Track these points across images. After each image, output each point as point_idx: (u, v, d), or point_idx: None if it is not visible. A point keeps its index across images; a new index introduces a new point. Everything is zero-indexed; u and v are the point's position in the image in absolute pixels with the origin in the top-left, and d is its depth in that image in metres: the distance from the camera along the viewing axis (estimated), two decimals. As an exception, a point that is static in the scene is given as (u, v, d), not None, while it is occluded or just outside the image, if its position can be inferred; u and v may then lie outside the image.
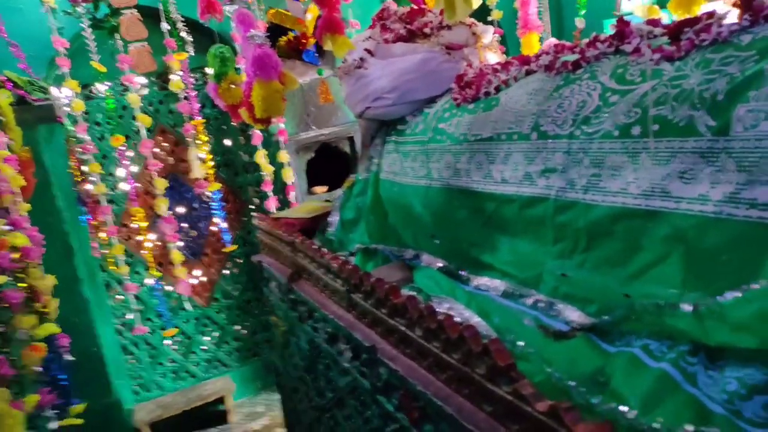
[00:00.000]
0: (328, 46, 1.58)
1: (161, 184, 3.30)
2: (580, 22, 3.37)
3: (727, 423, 0.74)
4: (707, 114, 0.94)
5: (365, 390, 1.43)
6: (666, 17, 1.93)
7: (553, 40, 3.02)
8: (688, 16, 1.45)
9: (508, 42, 4.04)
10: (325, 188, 3.98)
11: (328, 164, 3.98)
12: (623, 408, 0.81)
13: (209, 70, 2.24)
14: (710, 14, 1.12)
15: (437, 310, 1.38)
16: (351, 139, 4.01)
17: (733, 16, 1.07)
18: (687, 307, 0.78)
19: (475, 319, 1.21)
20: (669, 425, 0.76)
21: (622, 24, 1.29)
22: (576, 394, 0.90)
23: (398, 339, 1.27)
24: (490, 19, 4.00)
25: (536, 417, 0.79)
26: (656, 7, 2.06)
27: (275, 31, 2.95)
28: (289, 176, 3.76)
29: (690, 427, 0.74)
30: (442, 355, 1.08)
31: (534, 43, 2.64)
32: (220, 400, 4.02)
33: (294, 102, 3.84)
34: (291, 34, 2.29)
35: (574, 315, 1.12)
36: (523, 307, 1.26)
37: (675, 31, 1.13)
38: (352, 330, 1.46)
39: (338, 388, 1.67)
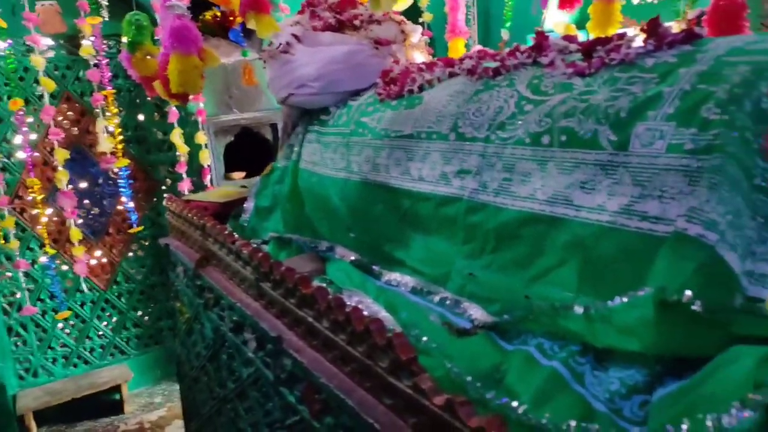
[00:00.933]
0: (251, 24, 1.53)
1: (62, 155, 3.07)
2: (505, 34, 3.50)
3: (608, 420, 0.79)
4: (610, 129, 1.00)
5: (268, 381, 1.40)
6: (582, 37, 2.04)
7: (478, 47, 3.12)
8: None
9: (436, 45, 4.11)
10: (242, 174, 3.87)
11: (248, 150, 3.87)
12: (514, 403, 0.84)
13: (125, 39, 2.10)
14: (621, 35, 1.19)
15: (349, 302, 1.39)
16: (274, 126, 3.92)
17: (640, 40, 1.15)
18: (579, 309, 0.83)
19: (383, 314, 1.22)
20: (555, 421, 0.80)
21: (541, 37, 1.35)
22: (472, 389, 0.92)
23: (305, 330, 1.26)
24: (421, 20, 4.06)
25: (433, 411, 0.81)
26: (573, 26, 2.17)
27: (200, 4, 2.82)
28: (206, 159, 3.62)
29: (573, 423, 0.79)
30: (347, 347, 1.07)
31: (460, 48, 2.70)
32: (116, 389, 3.81)
33: (216, 82, 3.69)
34: (215, 10, 2.19)
35: (477, 313, 1.15)
36: (430, 304, 1.28)
37: (588, 49, 1.19)
38: (259, 319, 1.43)
39: (241, 378, 1.62)
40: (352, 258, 1.62)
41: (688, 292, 0.71)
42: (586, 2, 2.03)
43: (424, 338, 1.08)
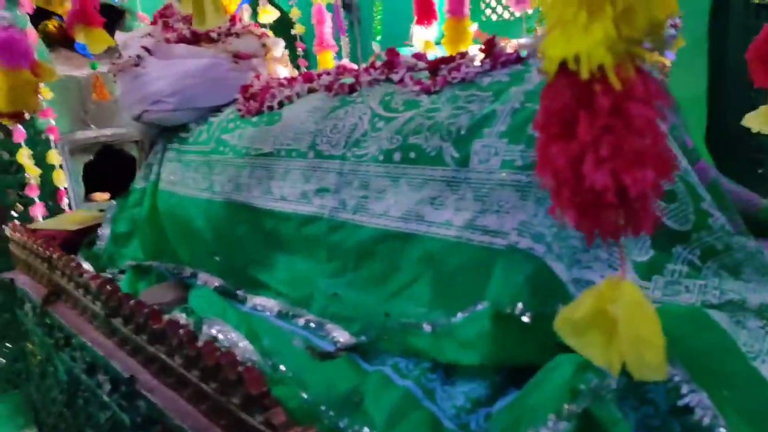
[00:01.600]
0: (80, 38, 1.40)
1: None
2: (376, 47, 3.56)
3: (456, 436, 0.81)
4: (452, 146, 1.04)
5: (125, 426, 1.29)
6: (440, 52, 2.13)
7: (346, 61, 3.15)
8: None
9: (309, 57, 4.10)
10: (106, 195, 3.58)
11: (112, 169, 3.58)
12: (366, 429, 0.84)
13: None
14: (463, 54, 1.24)
15: (208, 332, 1.32)
16: (139, 143, 3.66)
17: (479, 59, 1.20)
18: (427, 327, 0.84)
19: (243, 343, 1.17)
20: (405, 441, 0.81)
21: (392, 54, 1.38)
22: (326, 417, 0.91)
23: (159, 368, 1.17)
24: (293, 32, 4.02)
25: (284, 446, 0.78)
26: (432, 42, 2.25)
27: (42, 13, 2.57)
28: (61, 180, 3.29)
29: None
30: (201, 384, 1.01)
31: (328, 60, 2.71)
32: (-35, 444, 3.35)
33: (69, 96, 3.39)
34: (55, 20, 2.00)
35: (340, 335, 1.14)
36: (294, 328, 1.25)
37: (434, 67, 1.23)
38: (111, 359, 1.32)
39: (99, 425, 1.49)
40: (216, 284, 1.55)
41: (520, 304, 0.75)
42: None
43: (282, 367, 1.05)
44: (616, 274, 0.47)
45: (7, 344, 3.69)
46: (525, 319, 0.74)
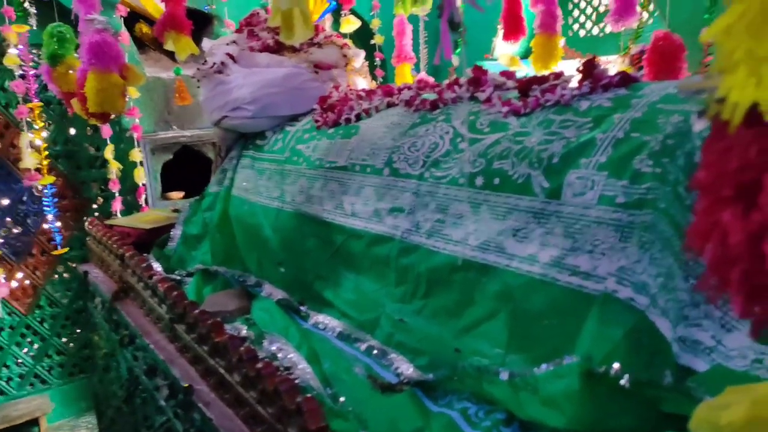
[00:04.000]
0: (169, 45, 1.42)
1: (-23, 171, 2.82)
2: (455, 60, 3.49)
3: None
4: (542, 175, 0.95)
5: (179, 434, 1.27)
6: (525, 69, 2.03)
7: (423, 74, 3.09)
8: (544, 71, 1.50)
9: (387, 67, 4.08)
10: (181, 194, 3.68)
11: (188, 168, 3.69)
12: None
13: (44, 51, 1.95)
14: (557, 75, 1.15)
15: (269, 348, 1.28)
16: (216, 147, 3.76)
17: (576, 81, 1.11)
18: (504, 376, 0.76)
19: (302, 365, 1.12)
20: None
21: (479, 71, 1.30)
22: (387, 462, 0.84)
23: (217, 382, 1.14)
24: (372, 42, 4.03)
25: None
26: (517, 57, 2.16)
27: (136, 15, 2.68)
28: (141, 177, 3.43)
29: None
30: (258, 407, 0.97)
31: (406, 73, 2.67)
32: (34, 422, 3.51)
33: (155, 98, 3.52)
34: (143, 23, 2.06)
35: (404, 367, 1.07)
36: (356, 353, 1.19)
37: (524, 87, 1.15)
38: (171, 365, 1.30)
39: (153, 427, 1.48)
40: (279, 297, 1.51)
41: (616, 364, 0.65)
42: (532, 35, 2.02)
43: (342, 398, 0.99)
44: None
45: (77, 330, 3.86)
46: (623, 382, 0.64)
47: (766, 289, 0.33)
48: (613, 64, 2.81)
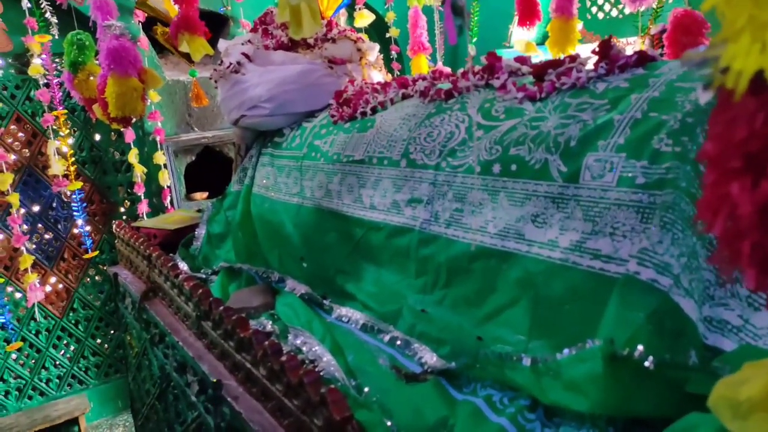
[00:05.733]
0: (183, 47, 1.44)
1: (5, 180, 2.90)
2: (472, 49, 3.46)
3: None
4: (560, 159, 0.94)
5: (209, 429, 1.29)
6: (542, 55, 2.00)
7: (440, 65, 3.07)
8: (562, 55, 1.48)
9: (403, 60, 4.07)
10: (205, 194, 3.74)
11: (211, 169, 3.75)
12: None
13: (66, 59, 1.99)
14: (573, 58, 1.13)
15: (293, 342, 1.29)
16: (235, 146, 3.80)
17: (592, 63, 1.09)
18: (527, 362, 0.76)
19: (327, 357, 1.13)
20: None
21: (493, 58, 1.29)
22: (413, 451, 0.84)
23: (245, 376, 1.16)
24: (387, 35, 4.02)
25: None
26: (533, 43, 2.12)
27: (154, 19, 2.71)
28: (165, 179, 3.49)
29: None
30: (284, 399, 0.99)
31: (422, 63, 2.66)
32: (74, 422, 3.62)
33: (175, 100, 3.58)
34: (160, 26, 2.09)
35: (428, 356, 1.07)
36: (380, 344, 1.20)
37: (539, 72, 1.13)
38: (200, 361, 1.33)
39: (186, 423, 1.51)
40: (302, 291, 1.53)
41: (640, 347, 0.64)
42: (548, 20, 1.99)
43: (366, 389, 0.99)
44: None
45: (111, 331, 3.97)
46: (647, 364, 0.63)
47: (779, 263, 0.32)
48: (633, 46, 2.75)
